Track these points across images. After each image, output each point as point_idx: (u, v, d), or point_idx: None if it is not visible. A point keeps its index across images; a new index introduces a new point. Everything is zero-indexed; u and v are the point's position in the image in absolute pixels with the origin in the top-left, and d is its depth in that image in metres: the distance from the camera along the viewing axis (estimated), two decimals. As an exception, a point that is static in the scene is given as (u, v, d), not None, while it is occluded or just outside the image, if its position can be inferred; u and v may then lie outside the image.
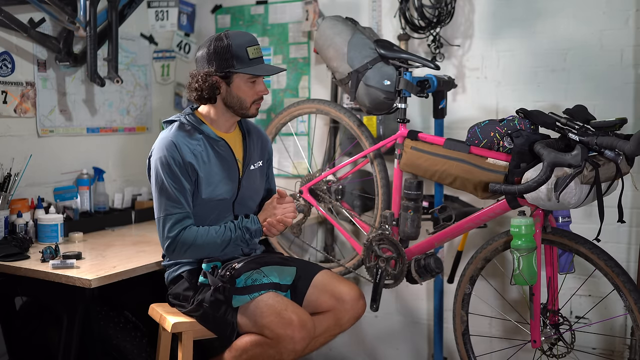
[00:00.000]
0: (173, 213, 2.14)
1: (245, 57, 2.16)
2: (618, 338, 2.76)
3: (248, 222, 2.23)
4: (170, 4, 3.43)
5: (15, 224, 2.65)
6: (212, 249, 2.18)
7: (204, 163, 2.20)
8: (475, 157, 2.30)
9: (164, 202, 2.15)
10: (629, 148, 1.99)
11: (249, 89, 2.20)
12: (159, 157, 2.17)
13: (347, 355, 3.40)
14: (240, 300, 2.12)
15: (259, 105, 2.26)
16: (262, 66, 2.20)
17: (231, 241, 2.19)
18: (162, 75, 3.58)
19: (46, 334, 2.66)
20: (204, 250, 2.18)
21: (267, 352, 2.07)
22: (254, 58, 2.17)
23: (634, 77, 2.69)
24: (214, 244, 2.17)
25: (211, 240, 2.16)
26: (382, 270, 2.56)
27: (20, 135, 2.84)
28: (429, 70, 2.63)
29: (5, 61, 2.75)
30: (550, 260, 2.39)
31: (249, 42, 2.18)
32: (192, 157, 2.18)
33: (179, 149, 2.16)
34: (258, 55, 2.19)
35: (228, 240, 2.18)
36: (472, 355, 2.57)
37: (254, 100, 2.23)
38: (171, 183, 2.15)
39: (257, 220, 2.24)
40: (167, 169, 2.15)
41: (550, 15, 2.83)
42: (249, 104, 2.22)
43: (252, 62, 2.17)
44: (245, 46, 2.16)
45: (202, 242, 2.15)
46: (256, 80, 2.21)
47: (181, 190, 2.15)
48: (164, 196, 2.15)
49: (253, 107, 2.24)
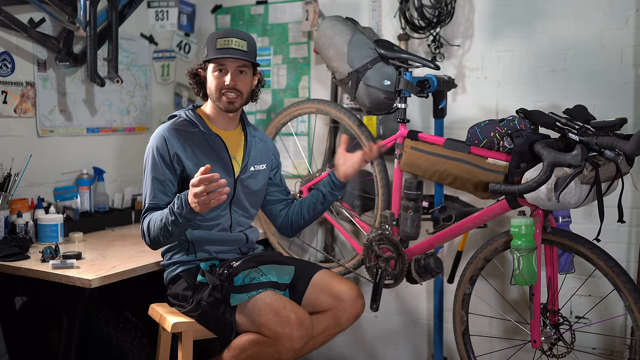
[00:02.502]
0: (145, 203, 2.20)
1: (214, 47, 2.22)
2: (618, 338, 2.76)
3: (176, 204, 2.04)
4: (170, 4, 3.43)
5: (15, 224, 2.65)
6: (160, 234, 2.10)
7: (194, 156, 2.22)
8: (475, 157, 2.30)
9: (148, 189, 2.20)
10: (629, 148, 1.99)
11: (214, 79, 2.24)
12: (150, 146, 2.23)
13: (347, 355, 3.40)
14: (238, 298, 2.12)
15: (232, 99, 2.24)
16: (217, 51, 2.21)
17: (170, 224, 2.05)
18: (162, 75, 3.58)
19: (46, 334, 2.66)
20: (158, 237, 2.11)
21: (265, 350, 2.07)
22: (220, 48, 2.20)
23: (634, 77, 2.69)
24: (158, 229, 2.09)
25: (154, 228, 2.10)
26: (382, 270, 2.56)
27: (20, 135, 2.84)
28: (429, 70, 2.63)
29: (5, 61, 2.75)
30: (550, 260, 2.39)
31: (223, 34, 2.22)
32: (182, 149, 2.21)
33: (167, 141, 2.20)
34: (226, 46, 2.20)
35: (162, 227, 2.08)
36: (472, 355, 2.57)
37: (220, 90, 2.23)
38: (152, 174, 2.19)
39: (185, 202, 2.02)
40: (154, 158, 2.20)
41: (550, 15, 2.83)
42: (216, 94, 2.24)
43: (218, 52, 2.20)
44: (217, 37, 2.22)
45: (152, 229, 2.11)
46: (223, 69, 2.23)
47: (161, 181, 2.18)
48: (150, 184, 2.20)
49: (223, 99, 2.24)
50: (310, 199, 2.42)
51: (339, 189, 2.38)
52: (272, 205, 2.50)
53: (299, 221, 2.44)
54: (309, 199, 2.42)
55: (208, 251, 2.28)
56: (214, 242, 2.28)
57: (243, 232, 2.35)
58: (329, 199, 2.39)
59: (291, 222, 2.46)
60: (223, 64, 2.22)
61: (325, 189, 2.38)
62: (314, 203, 2.41)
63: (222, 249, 2.30)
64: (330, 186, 2.37)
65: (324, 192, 2.38)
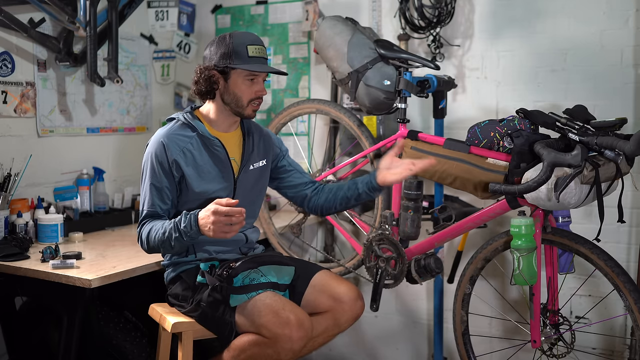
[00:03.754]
0: (143, 209, 2.20)
1: (245, 55, 2.15)
2: (618, 338, 2.76)
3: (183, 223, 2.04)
4: (170, 4, 3.43)
5: (15, 224, 2.65)
6: (161, 246, 2.11)
7: (194, 161, 2.20)
8: (475, 157, 2.30)
9: (146, 195, 2.20)
10: (629, 148, 1.99)
11: (246, 87, 2.19)
12: (149, 152, 2.21)
13: (347, 355, 3.40)
14: (237, 299, 2.12)
15: (257, 107, 2.23)
16: (259, 65, 2.19)
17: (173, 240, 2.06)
18: (162, 75, 3.58)
19: (46, 334, 2.66)
20: (158, 248, 2.14)
21: (264, 351, 2.06)
22: (253, 56, 2.16)
23: (634, 77, 2.69)
24: (159, 241, 2.10)
25: (154, 239, 2.11)
26: (382, 270, 2.56)
27: (20, 135, 2.84)
28: (429, 70, 2.63)
29: (5, 61, 2.75)
30: (550, 260, 2.39)
31: (252, 42, 2.18)
32: (181, 155, 2.18)
33: (166, 147, 2.17)
34: (258, 55, 2.17)
35: (164, 240, 2.08)
36: (472, 355, 2.57)
37: (251, 100, 2.20)
38: (150, 180, 2.18)
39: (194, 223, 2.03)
40: (153, 164, 2.18)
41: (550, 15, 2.83)
42: (244, 103, 2.20)
43: (251, 60, 2.16)
44: (246, 44, 2.16)
45: (152, 239, 2.12)
46: (255, 79, 2.19)
47: (158, 189, 2.17)
48: (147, 190, 2.19)
49: (250, 108, 2.21)
50: (346, 193, 2.38)
51: (376, 191, 2.34)
52: (295, 189, 2.47)
53: (330, 209, 2.43)
54: (344, 192, 2.38)
55: (208, 251, 2.27)
56: (214, 242, 2.28)
57: (243, 233, 2.34)
58: (364, 197, 2.37)
59: (321, 208, 2.44)
60: (256, 74, 2.18)
61: (362, 187, 2.35)
62: (348, 198, 2.38)
63: (222, 249, 2.30)
64: (369, 187, 2.33)
65: (360, 190, 2.35)
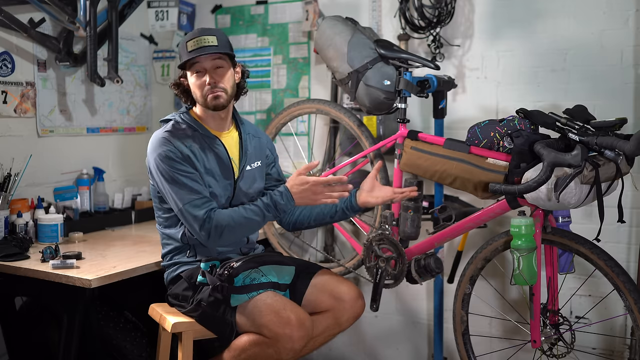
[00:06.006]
0: (193, 199, 2.13)
1: (185, 52, 2.20)
2: (618, 338, 2.76)
3: (278, 197, 2.16)
4: (170, 4, 3.43)
5: (15, 224, 2.65)
6: (247, 227, 2.17)
7: (200, 159, 2.20)
8: (475, 157, 2.30)
9: (179, 193, 2.13)
10: (629, 148, 1.99)
11: (195, 81, 2.22)
12: (157, 155, 2.17)
13: (347, 355, 3.40)
14: (238, 299, 2.12)
15: (215, 94, 2.20)
16: (188, 53, 2.18)
17: (265, 218, 2.16)
18: (162, 75, 3.58)
19: (46, 334, 2.66)
20: (240, 230, 2.16)
21: (265, 351, 2.07)
22: (192, 50, 2.18)
23: (634, 77, 2.69)
24: (249, 222, 2.14)
25: (245, 219, 2.14)
26: (382, 270, 2.56)
27: (20, 135, 2.84)
28: (429, 70, 2.63)
29: (5, 61, 2.75)
30: (550, 260, 2.39)
31: (192, 36, 2.20)
32: (189, 151, 2.18)
33: (174, 143, 2.17)
34: (197, 47, 2.18)
35: (263, 218, 2.16)
36: (472, 355, 2.57)
37: (204, 92, 2.21)
38: (180, 172, 2.14)
39: (289, 196, 2.16)
40: (170, 161, 2.15)
41: (550, 15, 2.83)
42: (199, 97, 2.22)
43: (190, 54, 2.18)
44: (186, 41, 2.20)
45: (237, 222, 2.12)
46: (199, 71, 2.21)
47: (192, 177, 2.15)
48: (177, 187, 2.13)
49: (209, 99, 2.21)
50: (322, 209, 2.38)
51: (355, 211, 2.35)
52: None
53: (303, 223, 2.43)
54: (320, 208, 2.39)
55: (208, 251, 2.27)
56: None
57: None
58: (339, 216, 2.37)
59: (295, 222, 2.44)
60: (199, 65, 2.20)
61: (340, 205, 2.35)
62: (324, 214, 2.39)
63: (222, 249, 2.29)
64: (347, 205, 2.34)
65: (338, 208, 2.35)
